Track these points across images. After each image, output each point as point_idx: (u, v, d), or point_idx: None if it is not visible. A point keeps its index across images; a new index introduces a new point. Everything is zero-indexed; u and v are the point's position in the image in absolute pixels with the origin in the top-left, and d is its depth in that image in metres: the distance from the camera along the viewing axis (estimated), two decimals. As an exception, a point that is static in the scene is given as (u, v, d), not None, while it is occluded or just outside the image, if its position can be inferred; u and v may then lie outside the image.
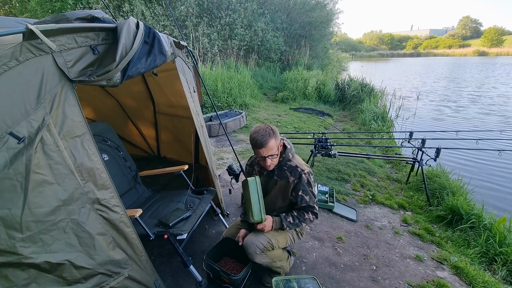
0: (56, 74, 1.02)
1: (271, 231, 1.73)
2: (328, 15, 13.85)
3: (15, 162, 0.92)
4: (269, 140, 1.52)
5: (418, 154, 3.27)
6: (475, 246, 2.47)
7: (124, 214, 1.34)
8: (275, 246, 1.71)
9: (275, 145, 1.56)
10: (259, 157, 1.60)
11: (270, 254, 1.69)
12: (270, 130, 1.55)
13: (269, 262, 1.71)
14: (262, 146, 1.52)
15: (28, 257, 0.99)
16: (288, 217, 1.69)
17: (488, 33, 72.46)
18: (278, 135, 1.60)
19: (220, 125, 4.69)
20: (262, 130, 1.54)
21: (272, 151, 1.55)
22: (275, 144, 1.55)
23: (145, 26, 1.30)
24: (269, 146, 1.53)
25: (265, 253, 1.67)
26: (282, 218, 1.68)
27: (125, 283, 1.36)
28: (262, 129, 1.55)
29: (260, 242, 1.66)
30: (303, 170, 1.65)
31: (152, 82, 2.79)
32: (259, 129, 1.55)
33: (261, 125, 1.58)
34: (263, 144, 1.52)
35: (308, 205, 1.68)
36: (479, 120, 7.69)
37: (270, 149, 1.54)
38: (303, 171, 1.65)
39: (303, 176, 1.64)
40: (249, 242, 1.68)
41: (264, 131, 1.54)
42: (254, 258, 1.65)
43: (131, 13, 9.35)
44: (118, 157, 2.31)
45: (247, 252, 1.67)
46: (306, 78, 9.15)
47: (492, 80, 16.54)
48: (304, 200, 1.66)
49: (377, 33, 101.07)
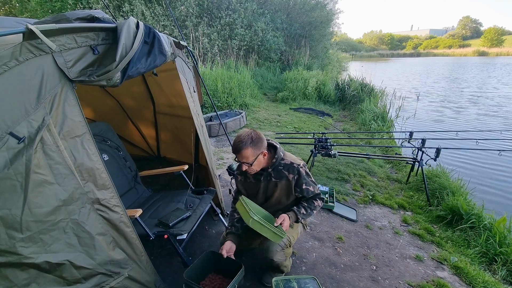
0: (56, 74, 1.02)
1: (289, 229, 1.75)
2: (328, 15, 13.85)
3: (15, 162, 0.92)
4: (244, 148, 1.50)
5: (418, 154, 3.27)
6: (475, 246, 2.47)
7: (124, 214, 1.34)
8: (292, 243, 1.76)
9: (251, 155, 1.52)
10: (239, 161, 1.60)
11: (287, 251, 1.73)
12: (250, 138, 1.51)
13: (283, 260, 1.73)
14: (236, 151, 1.53)
15: (28, 257, 0.99)
16: (300, 209, 1.70)
17: (488, 33, 72.45)
18: (260, 144, 1.55)
19: (220, 125, 4.69)
20: (242, 137, 1.52)
21: (247, 159, 1.53)
22: (251, 153, 1.52)
23: (145, 26, 1.30)
24: (243, 154, 1.52)
25: (284, 250, 1.70)
26: (295, 212, 1.68)
27: (125, 283, 1.36)
28: (243, 136, 1.52)
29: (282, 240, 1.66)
30: (299, 164, 1.68)
31: (152, 82, 2.79)
32: (241, 134, 1.54)
33: (246, 131, 1.55)
34: (237, 150, 1.52)
35: (315, 194, 1.73)
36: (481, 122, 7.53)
37: (244, 157, 1.53)
38: (299, 165, 1.68)
39: (301, 170, 1.67)
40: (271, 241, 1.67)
41: (244, 138, 1.51)
42: (274, 255, 1.66)
43: (131, 13, 9.35)
44: (118, 157, 2.31)
45: (268, 250, 1.66)
46: (306, 78, 9.15)
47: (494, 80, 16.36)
48: (310, 191, 1.70)
49: (377, 33, 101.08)
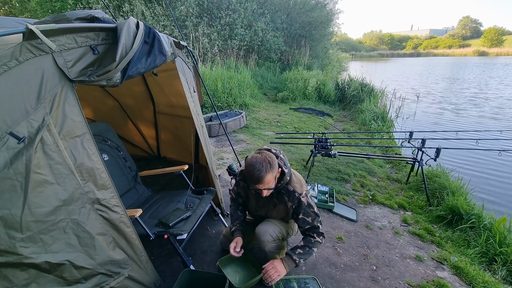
0: (56, 74, 1.02)
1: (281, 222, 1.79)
2: (328, 15, 13.84)
3: (15, 162, 0.92)
4: (266, 175, 1.43)
5: (418, 154, 3.27)
6: (475, 246, 2.47)
7: (124, 214, 1.34)
8: (285, 236, 1.78)
9: (272, 178, 1.47)
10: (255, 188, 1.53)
11: (279, 244, 1.75)
12: (268, 163, 1.43)
13: (276, 252, 1.75)
14: (258, 182, 1.44)
15: (28, 257, 0.99)
16: (295, 249, 1.61)
17: (488, 33, 72.44)
18: (276, 165, 1.48)
19: (220, 125, 4.69)
20: (259, 164, 1.42)
21: (269, 184, 1.48)
22: (271, 177, 1.47)
23: (145, 26, 1.30)
24: (265, 181, 1.44)
25: (276, 242, 1.72)
26: (289, 253, 1.60)
27: (125, 283, 1.36)
28: (259, 162, 1.42)
29: (273, 231, 1.71)
30: (301, 193, 1.59)
31: (152, 82, 2.79)
32: (255, 161, 1.43)
33: (258, 157, 1.45)
34: (259, 180, 1.43)
35: (312, 226, 1.62)
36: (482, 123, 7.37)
37: (266, 183, 1.46)
38: (301, 194, 1.59)
39: (302, 200, 1.58)
40: (262, 230, 1.72)
41: (261, 164, 1.42)
42: (266, 246, 1.70)
43: (131, 13, 9.35)
44: (118, 157, 2.31)
45: (260, 240, 1.70)
46: (306, 78, 9.15)
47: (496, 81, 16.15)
48: (307, 222, 1.61)
49: (377, 33, 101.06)
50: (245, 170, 1.48)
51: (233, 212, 1.91)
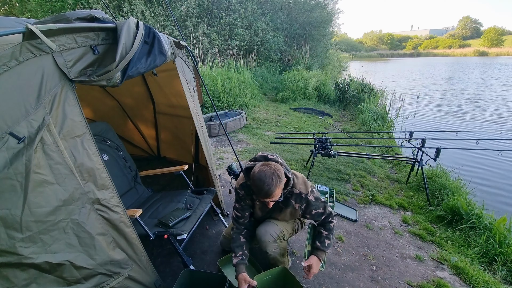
0: (56, 74, 1.02)
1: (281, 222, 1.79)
2: (328, 15, 13.84)
3: (15, 162, 0.92)
4: (276, 190, 1.40)
5: (418, 154, 3.27)
6: (475, 246, 2.47)
7: (124, 214, 1.34)
8: (285, 236, 1.78)
9: (280, 191, 1.46)
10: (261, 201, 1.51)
11: (280, 243, 1.74)
12: (277, 177, 1.40)
13: (278, 253, 1.75)
14: (267, 196, 1.42)
15: (28, 257, 0.99)
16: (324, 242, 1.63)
17: (488, 33, 72.44)
18: (283, 176, 1.45)
19: (220, 125, 4.69)
20: (269, 178, 1.38)
21: (277, 197, 1.46)
22: (280, 190, 1.45)
23: (145, 26, 1.30)
24: (274, 195, 1.42)
25: (277, 242, 1.72)
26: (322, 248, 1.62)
27: (125, 283, 1.36)
28: (268, 176, 1.38)
29: (274, 231, 1.71)
30: (307, 193, 1.60)
31: (152, 82, 2.79)
32: (264, 176, 1.39)
33: (266, 170, 1.41)
34: (269, 195, 1.41)
35: (327, 214, 1.67)
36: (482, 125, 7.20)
37: (275, 196, 1.44)
38: (307, 194, 1.60)
39: (309, 199, 1.60)
40: (262, 230, 1.72)
41: (270, 179, 1.38)
42: (267, 246, 1.69)
43: (131, 13, 9.35)
44: (118, 157, 2.31)
45: (261, 240, 1.70)
46: (306, 78, 9.15)
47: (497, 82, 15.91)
48: (321, 214, 1.66)
49: (377, 33, 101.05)
50: (253, 184, 1.44)
51: (235, 237, 1.76)
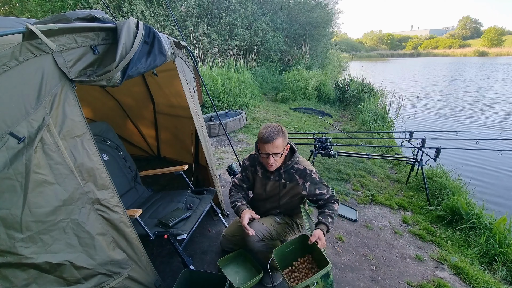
0: (56, 74, 1.02)
1: (269, 221, 1.79)
2: (328, 15, 13.84)
3: (15, 162, 0.92)
4: (277, 137, 1.54)
5: (418, 154, 3.27)
6: (475, 246, 2.47)
7: (124, 214, 1.34)
8: (274, 237, 1.76)
9: (282, 145, 1.57)
10: (263, 153, 1.60)
11: (268, 243, 1.73)
12: (280, 129, 1.58)
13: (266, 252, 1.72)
14: (268, 141, 1.54)
15: (28, 257, 0.99)
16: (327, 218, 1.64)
17: (488, 33, 72.42)
18: (287, 136, 1.63)
19: (220, 125, 4.69)
20: (272, 127, 1.57)
21: (278, 149, 1.56)
22: (281, 143, 1.57)
23: (145, 26, 1.30)
24: (275, 143, 1.54)
25: (264, 241, 1.71)
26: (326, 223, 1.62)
27: (125, 283, 1.36)
28: (272, 126, 1.58)
29: (260, 231, 1.70)
30: (311, 170, 1.71)
31: (152, 82, 2.79)
32: (269, 126, 1.58)
33: (272, 123, 1.61)
34: (269, 140, 1.54)
35: (330, 196, 1.72)
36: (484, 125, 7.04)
37: (276, 146, 1.55)
38: (312, 171, 1.70)
39: (313, 176, 1.70)
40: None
41: (274, 128, 1.57)
42: (253, 246, 1.69)
43: (131, 13, 9.35)
44: (118, 157, 2.31)
45: (246, 239, 1.70)
46: (306, 78, 9.15)
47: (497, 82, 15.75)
48: (324, 194, 1.71)
49: (377, 33, 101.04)
50: (259, 133, 1.60)
51: (234, 193, 1.84)
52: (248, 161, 1.88)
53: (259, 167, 1.81)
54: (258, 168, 1.81)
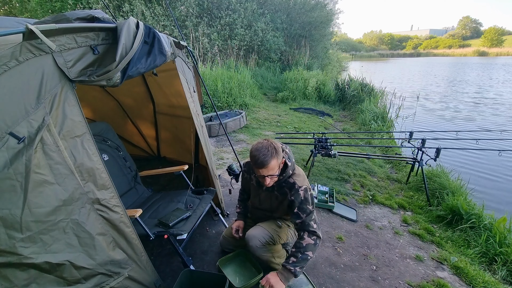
0: (56, 74, 1.02)
1: (271, 226, 1.78)
2: (328, 15, 13.84)
3: (15, 162, 0.92)
4: (271, 161, 1.44)
5: (418, 154, 3.27)
6: (475, 246, 2.47)
7: (124, 214, 1.34)
8: (276, 241, 1.76)
9: (276, 165, 1.48)
10: (258, 175, 1.53)
11: (271, 248, 1.74)
12: (273, 149, 1.45)
13: (269, 257, 1.74)
14: (263, 166, 1.44)
15: (28, 257, 0.99)
16: (289, 259, 1.54)
17: (488, 33, 72.39)
18: (281, 153, 1.51)
19: (220, 125, 4.69)
20: (264, 149, 1.44)
21: (273, 171, 1.48)
22: (276, 164, 1.47)
23: (145, 26, 1.30)
24: (270, 167, 1.45)
25: (266, 247, 1.71)
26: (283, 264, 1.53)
27: (125, 283, 1.36)
28: (264, 147, 1.44)
29: (262, 236, 1.70)
30: (300, 186, 1.59)
31: (152, 82, 2.79)
32: (261, 147, 1.45)
33: (264, 142, 1.48)
34: (264, 164, 1.44)
35: (302, 221, 1.57)
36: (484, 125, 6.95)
37: (271, 169, 1.46)
38: (300, 187, 1.58)
39: (300, 193, 1.58)
40: (251, 235, 1.72)
41: (266, 149, 1.44)
42: (255, 251, 1.70)
43: (131, 13, 9.35)
44: (118, 157, 2.31)
45: (248, 245, 1.70)
46: (306, 78, 9.15)
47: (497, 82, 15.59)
48: (299, 217, 1.58)
49: (377, 33, 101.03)
50: (250, 156, 1.49)
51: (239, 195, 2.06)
52: (245, 167, 1.87)
53: (253, 176, 1.76)
54: (252, 177, 1.78)
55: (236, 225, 1.91)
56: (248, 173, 1.84)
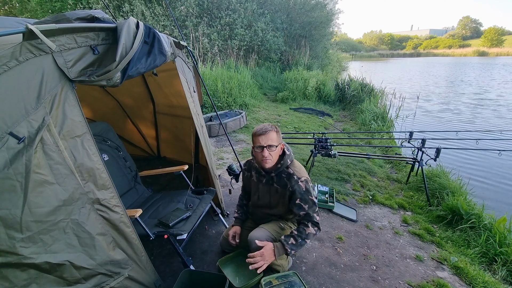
0: (56, 74, 1.02)
1: (273, 227, 1.78)
2: (328, 15, 13.84)
3: (15, 162, 0.92)
4: (270, 130, 1.57)
5: (418, 154, 3.27)
6: (475, 246, 2.47)
7: (124, 214, 1.34)
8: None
9: (275, 139, 1.58)
10: (257, 147, 1.60)
11: None
12: (274, 126, 1.61)
13: None
14: (262, 133, 1.56)
15: (28, 257, 0.99)
16: (289, 239, 1.61)
17: (488, 33, 72.41)
18: (281, 135, 1.65)
19: (220, 125, 4.69)
20: (267, 124, 1.62)
21: (272, 141, 1.57)
22: (275, 137, 1.58)
23: (145, 26, 1.30)
24: (269, 136, 1.56)
25: None
26: (283, 241, 1.61)
27: (125, 283, 1.36)
28: (266, 124, 1.63)
29: (265, 238, 1.70)
30: (299, 177, 1.62)
31: (152, 82, 2.79)
32: (263, 124, 1.63)
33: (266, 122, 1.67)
34: (263, 132, 1.56)
35: (307, 213, 1.62)
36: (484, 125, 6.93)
37: (270, 139, 1.56)
38: (300, 178, 1.62)
39: (300, 184, 1.61)
40: (253, 237, 1.72)
41: (268, 124, 1.62)
42: None
43: (131, 13, 9.35)
44: (118, 157, 2.31)
45: (251, 247, 1.70)
46: (306, 78, 9.16)
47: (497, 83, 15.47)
48: (302, 209, 1.62)
49: (377, 33, 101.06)
50: (253, 132, 1.62)
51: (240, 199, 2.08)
52: (245, 166, 1.92)
53: (253, 172, 1.83)
54: (253, 173, 1.83)
55: (232, 231, 1.91)
56: (248, 171, 1.89)
